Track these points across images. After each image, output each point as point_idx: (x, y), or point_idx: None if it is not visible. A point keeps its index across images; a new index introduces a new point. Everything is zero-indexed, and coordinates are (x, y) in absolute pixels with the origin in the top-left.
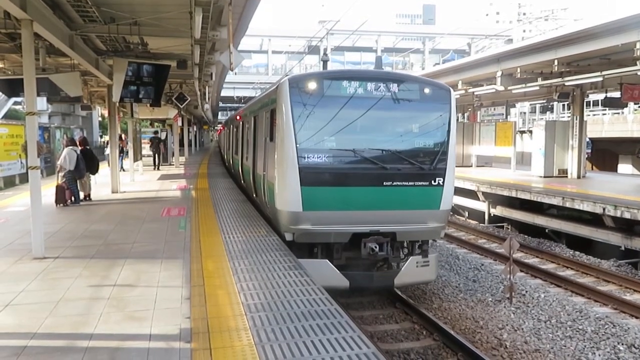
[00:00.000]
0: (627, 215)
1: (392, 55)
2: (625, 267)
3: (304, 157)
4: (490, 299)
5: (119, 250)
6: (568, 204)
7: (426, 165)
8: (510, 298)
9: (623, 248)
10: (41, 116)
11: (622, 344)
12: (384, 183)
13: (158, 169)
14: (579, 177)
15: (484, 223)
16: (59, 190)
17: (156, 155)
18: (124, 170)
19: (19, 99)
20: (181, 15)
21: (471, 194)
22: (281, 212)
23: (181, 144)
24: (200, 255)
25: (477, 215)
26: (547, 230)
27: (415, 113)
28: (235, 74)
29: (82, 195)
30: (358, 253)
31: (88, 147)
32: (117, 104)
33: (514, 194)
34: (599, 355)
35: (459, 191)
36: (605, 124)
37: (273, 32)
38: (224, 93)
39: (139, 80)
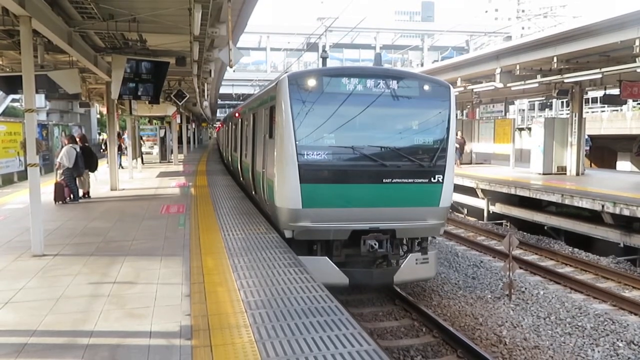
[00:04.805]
0: (626, 212)
1: (391, 53)
2: (624, 263)
3: (304, 154)
4: (489, 296)
5: (118, 247)
6: (567, 201)
7: (425, 162)
8: (509, 295)
9: (622, 245)
10: (39, 113)
11: (621, 341)
12: (384, 180)
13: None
14: (577, 174)
15: (483, 220)
16: (58, 187)
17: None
18: (122, 167)
19: (17, 96)
20: (180, 12)
21: (470, 191)
22: (280, 209)
23: (180, 141)
24: (199, 253)
25: (476, 212)
26: (546, 228)
27: (414, 110)
28: (234, 71)
29: (81, 192)
30: (357, 250)
31: (87, 145)
32: (116, 101)
33: (513, 191)
34: (598, 351)
35: (458, 188)
36: (604, 121)
37: (272, 29)
38: (222, 90)
39: (137, 77)
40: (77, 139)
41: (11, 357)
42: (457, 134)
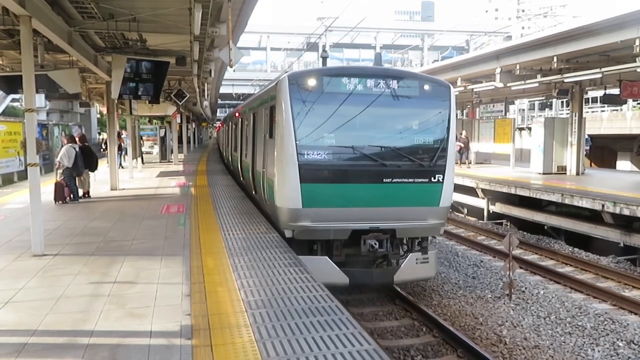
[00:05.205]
0: (626, 212)
1: (391, 52)
2: (624, 263)
3: (304, 154)
4: (489, 296)
5: (118, 247)
6: (567, 201)
7: (426, 162)
8: (509, 294)
9: (622, 244)
10: (39, 113)
11: (622, 340)
12: (384, 180)
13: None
14: (577, 173)
15: (483, 220)
16: (58, 187)
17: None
18: (122, 167)
19: (17, 96)
20: (180, 12)
21: (470, 191)
22: (281, 209)
23: (180, 141)
24: (200, 252)
25: (476, 212)
26: (546, 227)
27: (415, 110)
28: (234, 70)
29: (81, 192)
30: (358, 250)
31: (86, 144)
32: (116, 100)
33: (513, 191)
34: (599, 351)
35: (458, 188)
36: (604, 121)
37: (272, 29)
38: (222, 90)
39: (137, 77)
40: (77, 139)
41: (11, 357)
42: (461, 133)
